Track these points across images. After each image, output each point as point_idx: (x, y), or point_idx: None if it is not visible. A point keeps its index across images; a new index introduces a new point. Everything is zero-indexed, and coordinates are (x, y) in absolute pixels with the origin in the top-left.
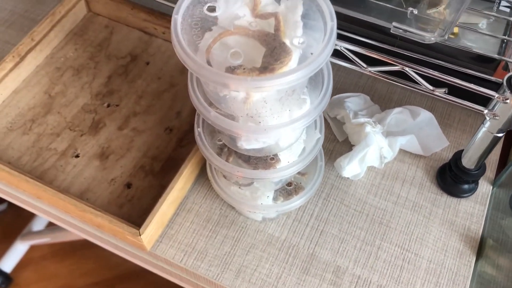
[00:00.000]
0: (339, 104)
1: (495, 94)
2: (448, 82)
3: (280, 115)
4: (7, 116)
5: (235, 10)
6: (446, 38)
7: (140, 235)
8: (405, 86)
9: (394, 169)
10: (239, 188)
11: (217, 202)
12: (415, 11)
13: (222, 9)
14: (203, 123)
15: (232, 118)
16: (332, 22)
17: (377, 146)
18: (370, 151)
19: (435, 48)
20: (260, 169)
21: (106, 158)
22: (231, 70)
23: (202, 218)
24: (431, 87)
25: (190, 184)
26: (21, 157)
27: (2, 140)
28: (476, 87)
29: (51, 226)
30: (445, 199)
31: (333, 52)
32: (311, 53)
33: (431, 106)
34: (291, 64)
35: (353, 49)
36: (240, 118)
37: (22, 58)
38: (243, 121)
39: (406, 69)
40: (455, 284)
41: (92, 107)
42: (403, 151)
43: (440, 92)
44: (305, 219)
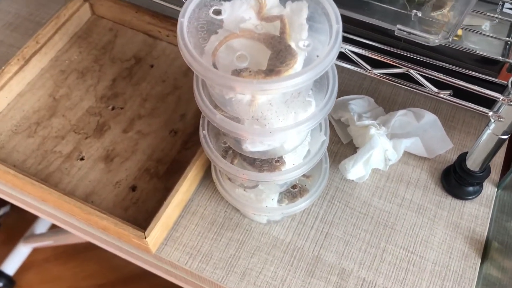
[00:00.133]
0: (343, 106)
1: (500, 96)
2: (453, 84)
3: (286, 118)
4: (12, 119)
5: (241, 13)
6: (450, 41)
7: (146, 238)
8: (410, 88)
9: (399, 172)
10: (244, 191)
11: (222, 205)
12: (419, 14)
13: (228, 12)
14: (208, 126)
15: (238, 121)
16: (338, 25)
17: (382, 149)
18: (375, 154)
19: (439, 50)
20: (265, 172)
21: (111, 161)
22: (237, 73)
23: (207, 221)
24: (436, 89)
25: (195, 187)
26: (26, 160)
27: (7, 143)
28: (481, 89)
29: (54, 229)
30: (450, 201)
31: (338, 55)
32: (317, 56)
33: (435, 108)
34: (297, 67)
35: (358, 51)
36: (246, 121)
37: (27, 61)
38: (249, 124)
39: (411, 71)
40: (461, 287)
41: (97, 110)
42: (408, 153)
43: (445, 95)
44: (310, 222)
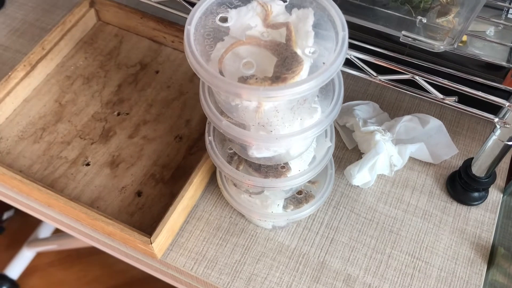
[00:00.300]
0: (348, 112)
1: (506, 103)
2: (458, 90)
3: (292, 124)
4: (18, 125)
5: (247, 21)
6: (455, 47)
7: (151, 244)
8: (415, 95)
9: (404, 177)
10: (249, 196)
11: (227, 210)
12: (424, 20)
13: (234, 20)
14: (214, 132)
15: (244, 127)
16: (344, 32)
17: (387, 154)
18: (380, 159)
19: (444, 56)
20: (271, 178)
21: (117, 166)
22: (244, 80)
23: (212, 226)
24: (441, 96)
25: (200, 192)
26: (32, 165)
27: (14, 149)
28: (487, 96)
29: (58, 233)
30: (455, 207)
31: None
32: (323, 63)
33: (440, 114)
34: (303, 74)
35: (363, 58)
36: (252, 127)
37: (33, 67)
38: (255, 130)
39: (416, 78)
40: None
41: (103, 116)
42: (413, 159)
43: (450, 101)
44: (315, 227)
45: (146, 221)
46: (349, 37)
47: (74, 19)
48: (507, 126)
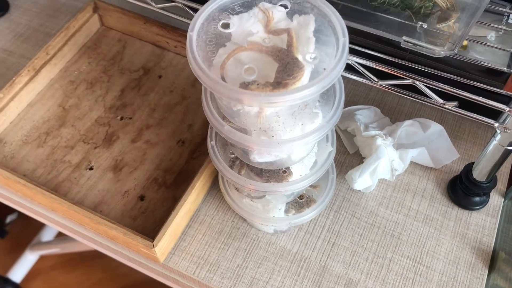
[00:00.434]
0: (350, 117)
1: (506, 108)
2: (458, 96)
3: (293, 129)
4: (22, 129)
5: (249, 27)
6: (456, 52)
7: (154, 248)
8: (416, 100)
9: (405, 182)
10: (251, 201)
11: (229, 214)
12: (425, 25)
13: (236, 26)
14: (216, 136)
15: (245, 132)
16: (344, 38)
17: (388, 159)
18: (381, 164)
19: (445, 61)
20: (273, 182)
21: (120, 171)
22: (245, 86)
23: (214, 230)
24: (442, 101)
25: (202, 197)
26: (36, 170)
27: (18, 153)
28: (487, 101)
29: (61, 237)
30: (456, 212)
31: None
32: (324, 69)
33: (441, 119)
34: (304, 80)
35: (364, 63)
36: (253, 132)
37: (37, 72)
38: (256, 135)
39: (417, 83)
40: None
41: (106, 120)
42: (414, 164)
43: (451, 106)
44: (317, 232)
45: (149, 225)
46: (350, 42)
47: (78, 24)
48: (508, 131)
